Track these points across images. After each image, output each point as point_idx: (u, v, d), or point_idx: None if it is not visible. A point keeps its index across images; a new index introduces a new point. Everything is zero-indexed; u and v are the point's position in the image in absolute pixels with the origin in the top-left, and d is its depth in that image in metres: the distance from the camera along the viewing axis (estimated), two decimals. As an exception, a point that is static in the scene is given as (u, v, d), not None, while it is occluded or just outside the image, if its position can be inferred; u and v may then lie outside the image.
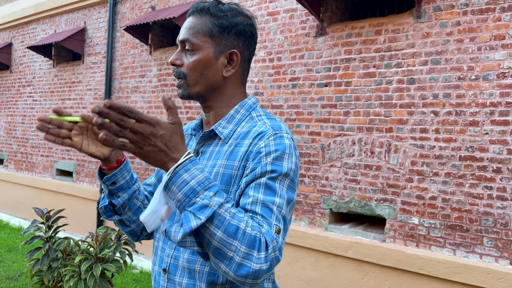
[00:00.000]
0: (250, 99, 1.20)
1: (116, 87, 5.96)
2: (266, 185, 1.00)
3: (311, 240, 3.89)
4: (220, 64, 1.14)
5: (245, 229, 0.90)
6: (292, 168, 1.04)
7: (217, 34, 1.13)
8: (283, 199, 1.01)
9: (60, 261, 3.27)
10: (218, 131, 1.15)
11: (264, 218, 0.96)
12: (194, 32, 1.13)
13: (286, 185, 1.03)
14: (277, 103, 4.23)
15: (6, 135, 7.89)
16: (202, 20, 1.14)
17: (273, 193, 1.00)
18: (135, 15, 5.75)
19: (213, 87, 1.16)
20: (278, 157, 1.03)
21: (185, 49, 1.14)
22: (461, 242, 3.21)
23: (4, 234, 6.11)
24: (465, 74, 3.23)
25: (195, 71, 1.13)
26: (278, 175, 1.02)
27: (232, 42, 1.14)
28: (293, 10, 4.16)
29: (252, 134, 1.09)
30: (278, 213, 0.99)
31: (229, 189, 1.07)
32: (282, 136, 1.07)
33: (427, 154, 3.38)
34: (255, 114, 1.17)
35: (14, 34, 7.87)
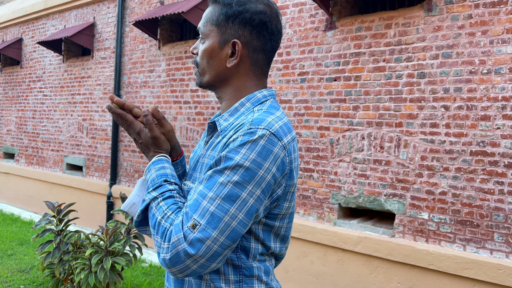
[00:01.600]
0: (261, 92, 1.13)
1: (125, 82, 5.98)
2: (208, 177, 0.98)
3: (319, 235, 3.89)
4: (224, 54, 1.12)
5: (161, 221, 1.00)
6: (248, 165, 0.95)
7: (222, 23, 1.11)
8: (217, 195, 0.94)
9: (71, 254, 3.31)
10: (218, 123, 1.13)
11: (187, 211, 0.96)
12: (205, 21, 1.15)
13: (231, 180, 0.95)
14: (286, 97, 4.22)
15: (17, 130, 7.98)
16: (213, 9, 1.14)
17: (210, 187, 0.96)
18: (144, 10, 5.76)
19: (220, 78, 1.14)
20: (234, 151, 0.97)
21: (200, 37, 1.18)
22: (472, 238, 3.19)
23: (15, 227, 6.19)
24: (476, 68, 3.19)
25: (203, 60, 1.15)
26: (226, 167, 0.96)
27: (236, 31, 1.10)
28: (302, 4, 4.13)
29: (236, 126, 1.04)
30: (205, 208, 0.94)
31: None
32: (256, 131, 0.98)
33: (437, 149, 3.35)
34: (257, 108, 1.09)
35: (24, 29, 7.93)
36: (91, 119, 6.48)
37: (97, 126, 6.39)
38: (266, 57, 1.15)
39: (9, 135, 8.16)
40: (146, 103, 5.69)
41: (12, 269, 4.48)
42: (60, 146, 7.02)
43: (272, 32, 1.13)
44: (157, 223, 1.00)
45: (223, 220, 0.94)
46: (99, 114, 6.37)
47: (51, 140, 7.19)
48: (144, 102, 5.71)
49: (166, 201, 1.03)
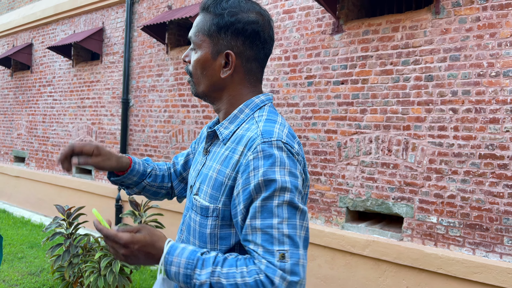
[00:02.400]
0: (258, 97, 1.14)
1: (134, 86, 6.04)
2: (261, 208, 0.96)
3: (327, 238, 3.88)
4: (218, 65, 1.11)
5: (244, 281, 0.92)
6: (287, 180, 0.98)
7: (214, 33, 1.10)
8: (282, 218, 0.96)
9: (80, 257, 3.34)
10: (219, 131, 1.13)
11: (264, 250, 0.94)
12: (196, 30, 1.13)
13: (285, 199, 0.97)
14: (293, 101, 4.23)
15: (27, 134, 8.07)
16: (204, 18, 1.12)
17: (270, 215, 0.96)
18: (152, 15, 5.81)
19: (215, 88, 1.14)
20: (269, 172, 0.97)
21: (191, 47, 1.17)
22: (481, 242, 3.17)
23: (26, 230, 6.26)
24: (485, 71, 3.18)
25: (196, 70, 1.14)
26: (273, 192, 0.96)
27: (229, 42, 1.09)
28: (309, 8, 4.14)
29: (244, 140, 1.04)
30: (280, 235, 0.95)
31: (218, 196, 1.06)
32: (271, 144, 0.99)
33: (446, 152, 3.34)
34: (257, 114, 1.11)
35: (34, 34, 8.04)
36: (100, 123, 6.54)
37: (106, 130, 6.45)
38: (260, 64, 1.16)
39: (20, 139, 8.26)
40: (154, 107, 5.73)
41: (22, 272, 4.53)
42: (70, 150, 7.08)
43: (265, 41, 1.13)
44: (241, 285, 0.92)
45: (298, 235, 0.97)
46: (108, 118, 6.43)
47: (61, 144, 7.27)
48: (153, 106, 5.75)
49: (225, 264, 0.97)
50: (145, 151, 5.84)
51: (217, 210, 1.05)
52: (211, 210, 1.06)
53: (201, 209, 1.09)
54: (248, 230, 0.98)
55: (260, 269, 0.93)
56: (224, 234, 1.06)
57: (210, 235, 1.07)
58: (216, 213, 1.05)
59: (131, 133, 6.06)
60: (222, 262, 0.97)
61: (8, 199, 8.44)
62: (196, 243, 1.10)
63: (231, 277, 0.94)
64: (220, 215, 1.05)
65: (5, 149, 8.72)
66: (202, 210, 1.08)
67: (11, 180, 8.38)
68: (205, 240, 1.08)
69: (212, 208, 1.06)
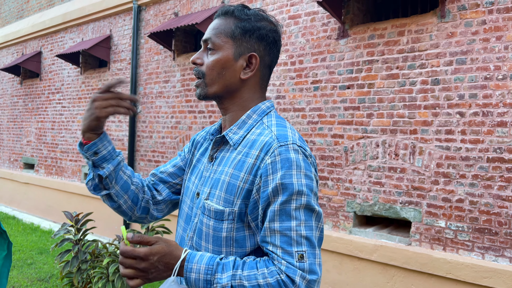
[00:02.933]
0: (264, 104, 1.18)
1: (141, 93, 6.08)
2: (280, 212, 1.01)
3: (335, 243, 3.87)
4: (239, 66, 1.15)
5: (266, 282, 0.97)
6: (303, 183, 1.02)
7: (239, 36, 1.14)
8: (300, 220, 1.01)
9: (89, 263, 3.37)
10: (228, 137, 1.15)
11: (284, 251, 0.99)
12: (217, 32, 1.15)
13: (302, 202, 1.02)
14: (299, 106, 4.24)
15: (36, 141, 8.16)
16: (226, 21, 1.16)
17: (288, 218, 1.01)
18: (158, 22, 5.87)
19: (230, 89, 1.16)
20: (286, 176, 1.02)
21: (207, 48, 1.17)
22: (490, 246, 3.14)
23: (35, 236, 6.31)
24: (492, 74, 3.16)
25: (213, 70, 1.14)
26: (290, 196, 1.01)
27: (253, 45, 1.15)
28: (314, 13, 4.16)
29: (258, 144, 1.08)
30: (298, 237, 1.00)
31: (232, 199, 1.08)
32: (287, 148, 1.04)
33: (453, 156, 3.32)
34: (266, 119, 1.15)
35: (43, 43, 8.14)
36: (108, 129, 6.60)
37: (114, 136, 6.50)
38: (270, 72, 1.23)
39: (29, 146, 8.35)
40: (161, 113, 5.77)
41: (31, 278, 4.57)
42: (78, 156, 7.15)
43: (279, 51, 1.22)
44: (263, 286, 0.97)
45: (314, 236, 1.02)
46: (116, 125, 6.48)
47: (70, 151, 7.34)
48: (160, 112, 5.79)
49: (245, 267, 1.01)
50: (152, 157, 5.88)
51: (233, 213, 1.07)
52: (226, 214, 1.08)
53: (215, 213, 1.10)
54: (267, 232, 1.02)
55: (281, 269, 0.98)
56: (240, 237, 1.09)
57: (226, 238, 1.09)
58: (232, 216, 1.08)
59: (138, 139, 6.10)
60: (242, 265, 1.01)
61: (18, 206, 8.52)
62: (210, 247, 1.11)
63: (252, 278, 0.98)
64: (236, 218, 1.07)
65: (14, 156, 8.81)
66: (216, 214, 1.09)
67: (20, 187, 8.46)
68: (220, 243, 1.09)
69: (227, 211, 1.07)
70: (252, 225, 1.08)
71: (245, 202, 1.07)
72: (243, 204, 1.07)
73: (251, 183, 1.06)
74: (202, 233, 1.13)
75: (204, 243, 1.13)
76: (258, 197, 1.05)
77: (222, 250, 1.09)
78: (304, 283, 0.97)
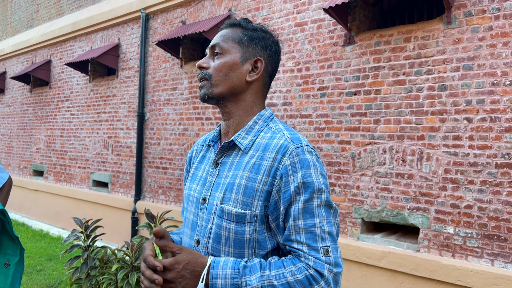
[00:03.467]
0: (267, 111, 1.24)
1: (149, 100, 6.14)
2: (303, 210, 1.06)
3: (342, 249, 3.86)
4: (245, 69, 1.20)
5: (295, 279, 1.02)
6: (321, 181, 1.09)
7: (246, 42, 1.21)
8: (322, 217, 1.07)
9: (98, 269, 3.39)
10: (238, 141, 1.18)
11: (309, 247, 1.05)
12: (225, 38, 1.22)
13: (323, 200, 1.08)
14: (306, 112, 4.25)
15: (46, 148, 8.24)
16: (233, 30, 1.23)
17: (312, 215, 1.06)
18: (166, 30, 5.93)
19: (235, 91, 1.20)
20: (306, 175, 1.07)
21: (214, 52, 1.22)
22: (499, 252, 3.12)
23: (44, 243, 6.36)
24: (499, 80, 3.16)
25: (220, 71, 1.19)
26: (312, 194, 1.07)
27: (258, 52, 1.22)
28: (321, 20, 4.19)
29: (273, 147, 1.12)
30: (322, 233, 1.06)
31: (251, 202, 1.10)
32: (303, 149, 1.10)
33: (461, 162, 3.31)
34: (273, 124, 1.21)
35: (53, 51, 8.26)
36: (116, 136, 6.65)
37: (122, 143, 6.55)
38: (270, 81, 1.29)
39: (39, 153, 8.44)
40: (169, 120, 5.81)
41: (41, 285, 4.60)
42: (87, 163, 7.21)
43: (279, 63, 1.30)
44: (293, 283, 1.01)
45: (335, 230, 1.10)
46: (124, 132, 6.53)
47: (78, 158, 7.40)
48: (168, 119, 5.83)
49: (272, 267, 1.05)
50: (160, 164, 5.91)
51: (255, 215, 1.10)
52: (248, 216, 1.10)
53: (236, 217, 1.10)
54: (291, 231, 1.07)
55: (309, 265, 1.03)
56: (261, 239, 1.11)
57: (249, 241, 1.11)
58: (254, 219, 1.10)
59: (146, 146, 6.15)
60: (268, 265, 1.05)
61: (27, 213, 8.59)
62: (231, 251, 1.12)
63: (281, 277, 1.02)
64: (258, 220, 1.10)
65: (24, 163, 8.91)
66: (237, 217, 1.10)
67: (30, 193, 8.54)
68: (242, 246, 1.11)
69: (249, 214, 1.10)
70: (273, 226, 1.11)
71: (265, 203, 1.10)
72: (263, 206, 1.10)
73: (270, 185, 1.09)
74: (220, 237, 1.13)
75: (223, 247, 1.13)
76: (278, 198, 1.08)
77: (245, 252, 1.11)
78: (332, 275, 1.03)
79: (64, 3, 8.19)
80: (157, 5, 5.96)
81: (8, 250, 1.76)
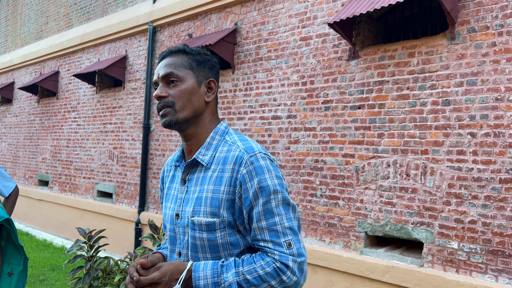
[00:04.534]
0: (221, 125, 1.35)
1: (155, 112, 6.19)
2: (264, 211, 1.19)
3: (346, 263, 3.84)
4: (202, 91, 1.32)
5: (264, 272, 1.16)
6: (276, 183, 1.21)
7: (196, 67, 1.32)
8: (281, 214, 1.20)
9: (100, 280, 3.39)
10: (199, 159, 1.29)
11: (274, 243, 1.18)
12: (176, 66, 1.30)
13: (279, 199, 1.21)
14: (310, 125, 4.27)
15: (51, 158, 8.30)
16: (179, 58, 1.32)
17: (272, 215, 1.19)
18: (173, 43, 6.01)
19: (198, 112, 1.31)
20: (262, 180, 1.20)
21: (170, 81, 1.29)
22: (504, 268, 3.09)
23: (48, 253, 6.37)
24: (502, 95, 3.17)
25: (183, 98, 1.28)
26: (268, 196, 1.19)
27: (208, 74, 1.34)
28: (326, 35, 4.23)
29: (230, 159, 1.24)
30: (283, 229, 1.19)
31: (218, 211, 1.22)
32: (257, 157, 1.23)
33: (465, 177, 3.31)
34: (228, 138, 1.32)
35: (61, 62, 8.37)
36: (122, 147, 6.70)
37: (127, 154, 6.59)
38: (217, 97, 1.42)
39: (44, 163, 8.50)
40: (174, 132, 5.85)
41: (44, 294, 4.60)
42: (92, 174, 7.25)
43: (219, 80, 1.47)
44: (263, 276, 1.16)
45: (295, 224, 1.23)
46: (129, 143, 6.58)
47: (83, 168, 7.45)
48: (173, 131, 5.87)
49: (244, 263, 1.19)
50: (164, 175, 5.92)
51: (224, 222, 1.22)
52: (217, 224, 1.22)
53: (206, 226, 1.23)
54: (256, 232, 1.20)
55: (275, 259, 1.17)
56: (234, 241, 1.24)
57: (222, 244, 1.24)
58: (223, 225, 1.23)
59: (151, 157, 6.18)
60: (241, 262, 1.19)
61: (31, 222, 8.62)
62: (208, 256, 1.25)
63: (253, 271, 1.16)
64: (226, 226, 1.23)
65: (30, 173, 8.96)
66: (207, 227, 1.23)
67: (34, 203, 8.58)
68: (217, 250, 1.24)
69: (218, 221, 1.22)
70: (241, 229, 1.24)
71: (230, 211, 1.22)
72: (229, 213, 1.22)
73: (232, 193, 1.22)
74: (196, 246, 1.26)
75: (201, 254, 1.26)
76: (241, 204, 1.21)
77: (221, 254, 1.24)
78: (296, 265, 1.17)
79: (73, 16, 8.33)
80: (164, 18, 6.05)
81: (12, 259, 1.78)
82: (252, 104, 4.83)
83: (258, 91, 4.79)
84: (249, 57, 4.90)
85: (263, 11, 4.83)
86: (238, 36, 5.06)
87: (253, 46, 4.88)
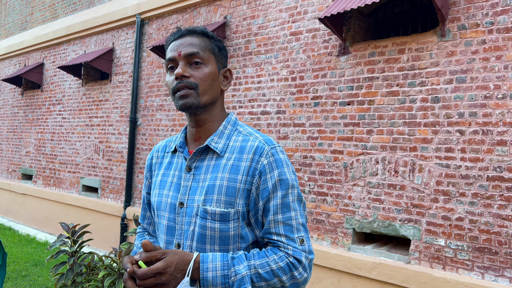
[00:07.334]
0: (232, 115, 1.33)
1: (142, 106, 6.10)
2: (282, 205, 1.18)
3: (333, 260, 3.83)
4: (220, 79, 1.29)
5: (277, 266, 1.14)
6: (293, 178, 1.22)
7: (217, 53, 1.28)
8: (296, 210, 1.20)
9: (84, 276, 3.32)
10: (212, 146, 1.24)
11: (288, 238, 1.17)
12: (202, 48, 1.25)
13: (295, 195, 1.21)
14: (299, 121, 4.24)
15: (35, 152, 8.14)
16: (203, 40, 1.26)
17: (288, 209, 1.18)
18: (161, 36, 5.92)
19: (215, 99, 1.28)
20: (282, 173, 1.19)
21: (193, 62, 1.23)
22: (490, 266, 3.11)
23: (31, 248, 6.25)
24: (491, 93, 3.18)
25: (206, 81, 1.23)
26: (287, 190, 1.19)
27: (224, 62, 1.32)
28: (316, 30, 4.20)
29: (249, 149, 1.21)
30: (298, 224, 1.19)
31: (233, 200, 1.18)
32: (276, 150, 1.22)
33: (453, 174, 3.31)
34: (241, 128, 1.30)
35: (46, 54, 8.20)
36: (108, 141, 6.59)
37: (113, 148, 6.49)
38: None
39: (28, 157, 8.33)
40: (162, 126, 5.78)
41: (26, 290, 4.50)
42: (77, 168, 7.13)
43: None
44: (276, 271, 1.14)
45: (306, 221, 1.24)
46: (116, 137, 6.48)
47: (68, 162, 7.32)
48: (160, 125, 5.80)
49: (256, 257, 1.16)
50: (151, 170, 5.85)
51: (238, 212, 1.19)
52: (232, 214, 1.18)
53: (220, 216, 1.18)
54: (271, 224, 1.18)
55: (288, 254, 1.15)
56: (245, 233, 1.21)
57: (233, 236, 1.20)
58: (237, 216, 1.19)
59: (138, 152, 6.09)
60: (253, 256, 1.16)
61: (14, 217, 8.46)
62: (216, 248, 1.20)
63: (265, 265, 1.13)
64: (240, 217, 1.19)
65: (13, 167, 8.79)
66: (221, 216, 1.18)
67: (18, 197, 8.41)
68: (227, 242, 1.20)
69: (233, 212, 1.18)
70: (252, 221, 1.21)
71: (245, 201, 1.19)
72: (244, 203, 1.19)
73: (250, 183, 1.19)
74: (205, 237, 1.20)
75: (209, 246, 1.20)
76: (257, 195, 1.18)
77: (229, 248, 1.20)
78: (307, 261, 1.17)
79: (59, 7, 8.16)
80: (153, 11, 5.95)
81: (-9, 254, 1.71)
82: (241, 99, 4.78)
83: (247, 86, 4.74)
84: (238, 51, 4.85)
85: (253, 5, 4.78)
86: (228, 30, 4.99)
87: (243, 40, 4.82)
